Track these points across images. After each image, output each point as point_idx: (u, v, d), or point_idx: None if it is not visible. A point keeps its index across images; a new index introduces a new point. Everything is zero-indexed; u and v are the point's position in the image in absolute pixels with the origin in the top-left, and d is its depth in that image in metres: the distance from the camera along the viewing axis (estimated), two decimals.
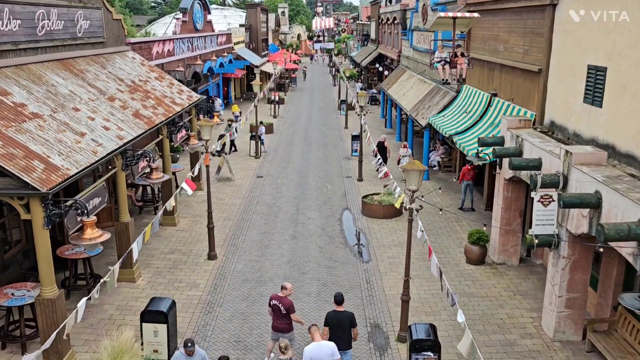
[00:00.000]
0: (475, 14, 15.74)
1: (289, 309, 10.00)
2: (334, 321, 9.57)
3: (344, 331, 9.56)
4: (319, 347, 8.68)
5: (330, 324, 9.55)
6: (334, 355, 8.75)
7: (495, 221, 14.69)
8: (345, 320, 9.60)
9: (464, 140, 17.29)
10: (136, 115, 14.73)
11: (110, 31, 18.44)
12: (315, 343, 8.75)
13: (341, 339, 9.49)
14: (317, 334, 8.87)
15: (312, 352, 8.63)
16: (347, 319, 9.63)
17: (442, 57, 17.00)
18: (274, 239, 16.61)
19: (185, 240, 16.42)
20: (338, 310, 9.72)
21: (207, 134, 14.20)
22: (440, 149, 24.13)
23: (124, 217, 13.41)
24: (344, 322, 9.59)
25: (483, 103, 18.50)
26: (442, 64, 16.98)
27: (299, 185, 22.14)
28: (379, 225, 17.63)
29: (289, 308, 10.01)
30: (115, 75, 16.61)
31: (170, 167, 17.19)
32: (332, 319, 9.61)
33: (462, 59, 16.56)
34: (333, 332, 9.48)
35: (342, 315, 9.64)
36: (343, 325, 9.56)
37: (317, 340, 8.79)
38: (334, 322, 9.56)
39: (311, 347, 8.70)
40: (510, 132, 13.54)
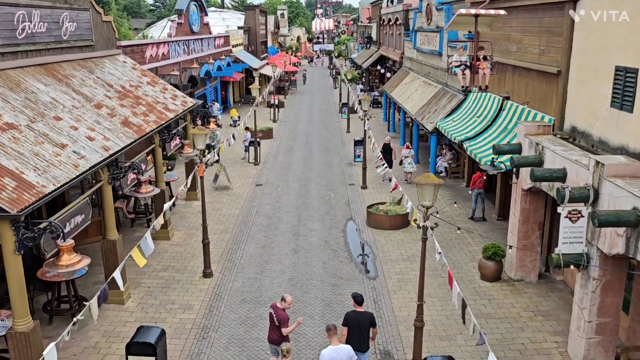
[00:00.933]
0: (501, 11, 13.86)
1: (281, 321, 9.51)
2: (354, 322, 9.26)
3: (364, 332, 9.28)
4: (336, 351, 8.47)
5: (349, 325, 9.25)
6: (352, 358, 8.54)
7: (511, 234, 13.66)
8: (365, 321, 9.30)
9: (475, 146, 16.28)
10: (125, 123, 13.72)
11: (99, 34, 17.44)
12: (333, 347, 8.54)
13: (360, 340, 9.25)
14: (335, 338, 8.67)
15: (329, 356, 8.43)
16: (367, 319, 9.33)
17: (461, 60, 14.58)
18: (274, 253, 15.59)
19: (180, 255, 15.39)
20: (358, 310, 9.41)
21: (201, 143, 13.18)
22: (448, 154, 23.11)
23: (111, 234, 12.38)
24: (365, 323, 9.28)
25: (494, 107, 17.49)
26: (462, 68, 14.53)
27: (300, 193, 21.12)
28: (385, 237, 16.60)
29: (281, 321, 9.51)
30: (104, 81, 15.60)
31: (162, 177, 16.17)
32: (352, 319, 9.29)
33: (484, 63, 14.26)
34: (352, 334, 9.19)
35: (362, 315, 9.34)
36: (363, 326, 9.26)
37: (334, 343, 8.59)
38: (354, 323, 9.26)
39: (328, 350, 8.49)
40: (529, 138, 12.52)
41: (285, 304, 9.66)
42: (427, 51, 26.80)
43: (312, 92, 53.86)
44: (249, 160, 25.74)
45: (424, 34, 27.77)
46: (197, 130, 13.12)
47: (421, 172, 23.44)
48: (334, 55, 79.31)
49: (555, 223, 13.70)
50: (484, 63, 14.24)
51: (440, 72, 24.38)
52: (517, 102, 15.98)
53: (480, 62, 14.25)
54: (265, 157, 26.86)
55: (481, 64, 14.23)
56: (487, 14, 13.79)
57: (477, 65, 14.23)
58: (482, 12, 13.68)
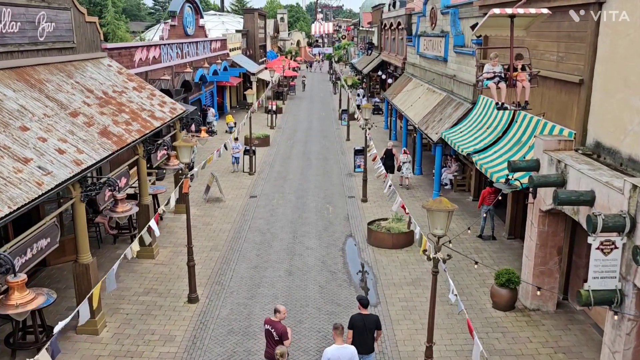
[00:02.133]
0: (544, 10, 11.26)
1: (282, 335, 9.15)
2: (359, 324, 9.30)
3: (369, 335, 9.34)
4: (339, 350, 8.54)
5: (355, 327, 9.29)
6: (354, 359, 8.55)
7: (527, 259, 12.42)
8: (371, 323, 9.38)
9: (486, 160, 15.06)
10: (103, 133, 12.49)
11: (82, 35, 16.24)
12: (337, 346, 8.61)
13: (365, 342, 9.29)
14: (340, 338, 8.72)
15: (332, 354, 8.49)
16: (373, 322, 9.41)
17: (495, 72, 12.03)
18: (266, 275, 14.33)
19: (164, 277, 14.14)
20: (363, 313, 9.47)
21: (186, 157, 11.95)
22: (453, 165, 21.89)
23: (84, 258, 11.13)
24: (370, 325, 9.36)
25: (505, 117, 16.28)
26: (495, 81, 11.94)
27: (296, 206, 19.87)
28: (387, 257, 15.36)
29: (282, 335, 9.15)
30: (84, 86, 14.38)
31: (147, 191, 14.93)
32: (358, 322, 9.32)
33: (523, 74, 11.71)
34: (358, 336, 9.24)
35: (368, 318, 9.41)
36: (369, 329, 9.32)
37: (338, 343, 8.66)
38: (360, 325, 9.30)
39: (332, 349, 8.58)
40: (548, 155, 11.29)
41: (281, 315, 9.36)
42: (431, 57, 25.62)
43: (312, 98, 52.68)
44: (243, 169, 24.46)
45: (428, 39, 26.61)
46: (181, 142, 11.89)
47: (425, 184, 22.26)
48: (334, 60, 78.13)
49: (576, 247, 12.48)
50: (522, 74, 11.85)
51: (445, 79, 23.20)
52: (532, 112, 14.76)
53: (518, 73, 11.85)
54: (261, 166, 25.63)
55: (519, 75, 11.83)
56: (526, 14, 11.16)
57: (515, 77, 11.85)
58: (521, 12, 11.11)
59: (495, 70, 11.98)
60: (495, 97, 12.01)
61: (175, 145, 11.82)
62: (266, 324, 9.41)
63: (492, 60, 12.20)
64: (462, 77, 20.96)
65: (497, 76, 11.90)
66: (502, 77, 11.90)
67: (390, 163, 22.48)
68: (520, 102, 11.81)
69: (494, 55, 12.26)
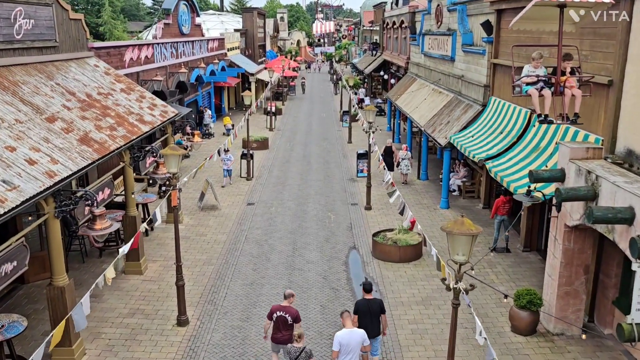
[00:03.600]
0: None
1: (295, 318, 9.44)
2: (364, 309, 9.59)
3: (374, 319, 9.62)
4: (349, 334, 8.74)
5: (360, 312, 9.58)
6: (364, 342, 8.81)
7: (550, 278, 11.29)
8: (375, 307, 9.64)
9: (501, 167, 13.93)
10: (84, 140, 11.36)
11: (65, 33, 15.13)
12: (347, 329, 8.79)
13: (371, 326, 9.55)
14: (349, 321, 8.93)
15: (342, 337, 8.68)
16: (377, 306, 9.68)
17: (538, 75, 9.85)
18: (263, 293, 13.20)
19: (152, 295, 13.01)
20: (368, 298, 9.72)
21: (174, 166, 10.82)
22: (461, 171, 20.75)
23: (59, 280, 9.98)
24: (375, 309, 9.62)
25: (520, 121, 15.16)
26: (538, 87, 9.78)
27: (296, 215, 18.74)
28: (394, 272, 14.23)
29: (296, 318, 9.46)
30: (65, 88, 13.26)
31: (133, 202, 13.79)
32: (363, 306, 9.61)
33: (571, 79, 9.68)
34: (363, 320, 9.53)
35: (372, 303, 9.67)
36: (373, 313, 9.60)
37: (348, 326, 8.83)
38: (365, 309, 9.58)
39: (342, 333, 8.75)
40: (575, 164, 10.16)
41: (292, 299, 9.65)
42: (437, 56, 24.50)
43: (312, 98, 51.54)
44: (240, 175, 23.32)
45: (433, 38, 25.49)
46: (169, 150, 10.75)
47: (432, 190, 21.12)
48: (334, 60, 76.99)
49: (604, 265, 11.35)
50: (571, 79, 9.70)
51: (452, 79, 22.08)
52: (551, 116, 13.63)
53: (567, 78, 9.68)
54: (259, 170, 24.50)
55: (568, 80, 9.66)
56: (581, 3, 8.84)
57: (563, 82, 9.64)
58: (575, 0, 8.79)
59: (538, 74, 9.91)
60: (537, 108, 9.89)
61: (162, 153, 10.68)
62: (277, 311, 9.44)
63: (535, 60, 10.00)
64: (471, 78, 19.83)
65: (540, 81, 9.83)
66: (547, 83, 9.83)
67: (389, 160, 22.23)
68: (568, 114, 9.84)
69: (537, 54, 10.07)
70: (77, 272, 14.14)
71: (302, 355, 8.64)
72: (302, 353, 8.64)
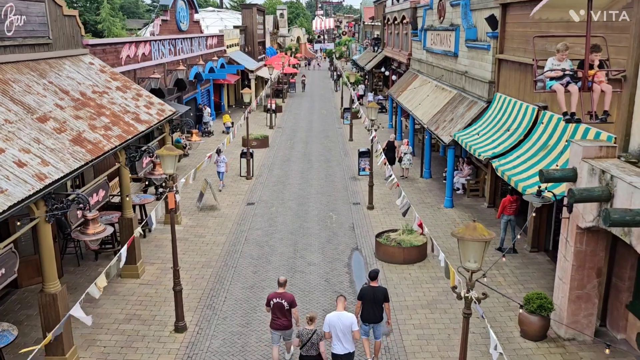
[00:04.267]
0: None
1: (291, 303, 9.79)
2: (369, 295, 9.78)
3: (378, 305, 9.83)
4: (337, 316, 9.00)
5: (365, 299, 9.78)
6: (352, 327, 8.95)
7: (561, 281, 10.89)
8: (379, 295, 9.84)
9: (507, 166, 13.52)
10: (77, 140, 10.96)
11: (59, 30, 14.72)
12: (336, 312, 9.08)
13: (374, 313, 9.79)
14: (341, 304, 9.21)
15: (331, 319, 8.98)
16: (381, 293, 9.87)
17: (563, 69, 9.02)
18: (263, 296, 12.78)
19: (149, 300, 12.62)
20: (373, 285, 9.92)
21: (170, 167, 10.42)
22: (465, 169, 20.34)
23: (51, 286, 9.60)
24: (379, 297, 9.81)
25: (527, 118, 14.74)
26: (564, 82, 9.00)
27: (297, 215, 18.34)
28: (398, 275, 13.84)
29: (292, 302, 9.81)
30: (59, 86, 12.85)
31: (130, 204, 13.38)
32: (368, 293, 9.81)
33: (600, 74, 8.88)
34: (367, 306, 9.74)
35: (377, 290, 9.87)
36: (377, 300, 9.81)
37: (339, 309, 9.12)
38: (369, 296, 9.78)
39: (332, 314, 9.05)
40: (588, 163, 9.75)
41: (286, 285, 9.97)
42: (440, 52, 24.05)
43: (312, 95, 51.10)
44: (240, 174, 22.91)
45: (436, 33, 25.04)
46: (165, 150, 10.35)
47: (435, 188, 20.71)
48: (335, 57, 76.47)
49: (617, 267, 10.95)
50: (600, 73, 8.87)
51: (455, 76, 21.65)
52: (558, 113, 13.22)
53: (596, 72, 8.85)
54: (259, 169, 24.09)
55: (597, 74, 8.83)
56: None
57: (591, 76, 8.82)
58: None
59: (564, 67, 9.06)
60: (563, 105, 9.11)
61: (158, 153, 10.27)
62: (274, 298, 9.76)
63: (560, 53, 9.12)
64: (475, 74, 19.40)
65: (566, 75, 8.99)
66: (574, 77, 9.00)
67: (391, 155, 22.30)
68: (597, 112, 9.08)
69: (563, 46, 9.13)
70: (72, 275, 13.77)
71: (313, 337, 8.89)
72: (313, 335, 8.90)
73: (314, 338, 8.86)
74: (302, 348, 8.93)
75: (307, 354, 8.91)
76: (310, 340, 8.85)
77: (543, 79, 9.31)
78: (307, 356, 8.92)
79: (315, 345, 8.88)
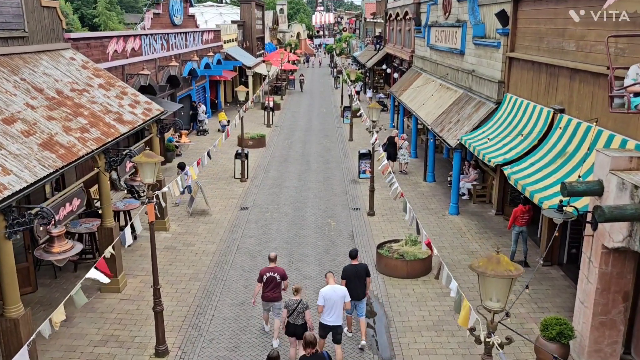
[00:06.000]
0: None
1: (283, 276, 10.56)
2: (351, 273, 10.46)
3: (361, 282, 10.50)
4: (332, 290, 9.61)
5: (348, 277, 10.42)
6: (345, 298, 9.70)
7: (582, 305, 9.84)
8: (361, 271, 10.55)
9: (521, 175, 12.45)
10: (47, 144, 9.89)
11: (36, 22, 13.63)
12: (330, 286, 9.67)
13: (358, 289, 10.45)
14: (332, 279, 9.81)
15: (326, 293, 9.55)
16: (363, 270, 10.59)
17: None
18: (254, 315, 11.75)
19: (129, 318, 11.56)
20: (354, 263, 10.64)
21: (150, 176, 9.34)
22: (472, 173, 19.26)
23: (12, 310, 8.53)
24: (361, 273, 10.52)
25: (542, 121, 13.67)
26: None
27: (293, 221, 17.28)
28: (401, 290, 12.79)
29: (283, 275, 10.58)
30: (32, 84, 11.76)
31: (110, 212, 12.30)
32: (350, 271, 10.50)
33: None
34: (350, 284, 10.34)
35: (359, 267, 10.63)
36: (360, 277, 10.48)
37: (331, 284, 9.71)
38: (352, 274, 10.45)
39: (326, 289, 9.63)
40: (617, 176, 8.68)
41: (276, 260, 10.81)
42: (445, 49, 22.96)
43: (312, 93, 49.96)
44: (235, 176, 21.83)
45: (440, 30, 23.95)
46: (144, 157, 9.26)
47: (439, 193, 19.63)
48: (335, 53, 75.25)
49: None
50: None
51: (461, 74, 20.56)
52: (578, 117, 12.17)
53: None
54: (255, 170, 23.02)
55: None
56: None
57: None
58: None
59: None
60: None
61: (135, 161, 9.19)
62: (267, 272, 10.50)
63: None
64: (483, 73, 18.32)
65: None
66: None
67: (392, 150, 22.32)
68: None
69: None
70: (47, 289, 12.72)
71: (299, 307, 9.59)
72: (299, 305, 9.60)
73: (299, 307, 9.60)
74: (290, 316, 9.62)
75: (294, 322, 9.62)
76: (297, 310, 9.58)
77: (625, 94, 7.75)
78: (294, 324, 9.64)
79: (302, 314, 9.58)
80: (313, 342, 8.19)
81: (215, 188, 20.43)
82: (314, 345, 8.19)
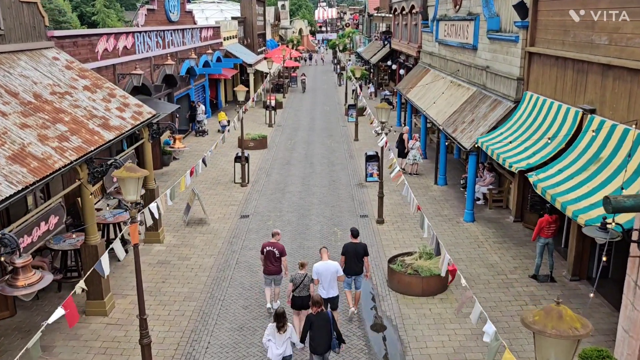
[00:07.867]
0: None
1: (282, 252, 11.18)
2: (351, 251, 11.04)
3: (359, 260, 11.07)
4: (325, 265, 10.30)
5: (347, 254, 11.04)
6: (338, 272, 10.36)
7: (626, 334, 8.63)
8: (360, 250, 11.10)
9: (549, 183, 11.22)
10: (17, 157, 8.73)
11: (14, 19, 12.48)
12: (322, 262, 10.38)
13: (356, 266, 11.05)
14: (325, 255, 10.52)
15: (319, 268, 10.25)
16: (362, 249, 11.14)
17: None
18: (254, 342, 10.59)
19: (116, 346, 10.42)
20: (354, 242, 11.19)
21: (132, 192, 8.18)
22: (487, 176, 18.02)
23: None
24: (360, 251, 11.08)
25: (569, 122, 12.45)
26: None
27: (296, 230, 16.12)
28: (416, 310, 11.61)
29: (282, 251, 11.20)
30: (5, 87, 10.61)
31: (94, 228, 11.12)
32: (350, 248, 11.09)
33: None
34: (349, 261, 11.01)
35: (358, 246, 11.15)
36: (358, 255, 11.05)
37: (324, 259, 10.43)
38: (352, 251, 11.03)
39: (319, 264, 10.33)
40: None
41: (279, 237, 11.48)
42: (455, 44, 21.71)
43: (315, 90, 48.73)
44: (234, 180, 20.67)
45: (450, 24, 22.69)
46: (125, 172, 8.09)
47: (452, 198, 18.41)
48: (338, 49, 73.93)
49: None
50: None
51: (474, 71, 19.32)
52: (612, 118, 10.94)
53: None
54: (256, 174, 21.85)
55: None
56: None
57: None
58: None
59: None
60: None
61: (116, 175, 8.03)
62: (267, 247, 11.21)
63: None
64: (499, 69, 17.08)
65: None
66: None
67: (400, 147, 22.18)
68: None
69: None
70: (27, 312, 11.58)
71: (305, 280, 10.13)
72: (305, 278, 10.13)
73: (305, 280, 10.13)
74: (295, 290, 10.12)
75: (299, 294, 10.15)
76: (303, 283, 10.10)
77: None
78: (299, 297, 10.16)
79: (307, 287, 10.13)
80: (319, 301, 8.95)
81: (214, 194, 19.27)
82: (320, 304, 8.93)
